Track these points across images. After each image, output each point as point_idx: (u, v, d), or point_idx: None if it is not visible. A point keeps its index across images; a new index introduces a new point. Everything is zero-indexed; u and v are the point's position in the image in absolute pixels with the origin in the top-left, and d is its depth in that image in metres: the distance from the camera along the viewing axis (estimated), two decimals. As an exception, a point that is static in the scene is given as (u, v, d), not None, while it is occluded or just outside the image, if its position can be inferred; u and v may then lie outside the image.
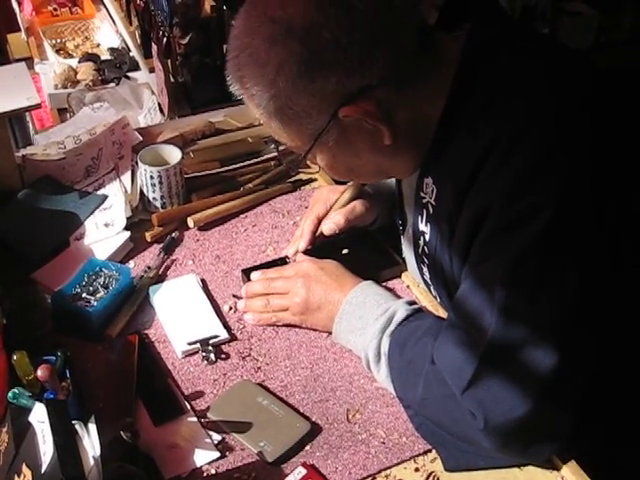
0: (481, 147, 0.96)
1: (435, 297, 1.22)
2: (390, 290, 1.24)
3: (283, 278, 1.25)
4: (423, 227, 1.13)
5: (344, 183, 1.38)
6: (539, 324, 0.92)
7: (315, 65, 0.96)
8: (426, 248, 1.14)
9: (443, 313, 1.23)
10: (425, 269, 1.18)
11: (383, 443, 1.05)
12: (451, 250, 1.06)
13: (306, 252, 1.33)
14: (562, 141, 0.94)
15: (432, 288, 1.21)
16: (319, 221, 1.33)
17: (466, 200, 0.99)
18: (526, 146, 0.94)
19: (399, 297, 1.20)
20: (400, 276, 1.32)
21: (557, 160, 0.93)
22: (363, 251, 1.34)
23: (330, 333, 1.19)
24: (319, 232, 1.33)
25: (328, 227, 1.31)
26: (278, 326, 1.23)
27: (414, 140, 1.05)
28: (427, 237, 1.13)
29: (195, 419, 1.07)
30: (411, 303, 1.15)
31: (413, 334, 1.08)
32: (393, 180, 1.35)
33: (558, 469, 1.01)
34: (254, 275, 1.29)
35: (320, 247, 1.37)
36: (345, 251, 1.34)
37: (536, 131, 0.94)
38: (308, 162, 1.14)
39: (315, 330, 1.21)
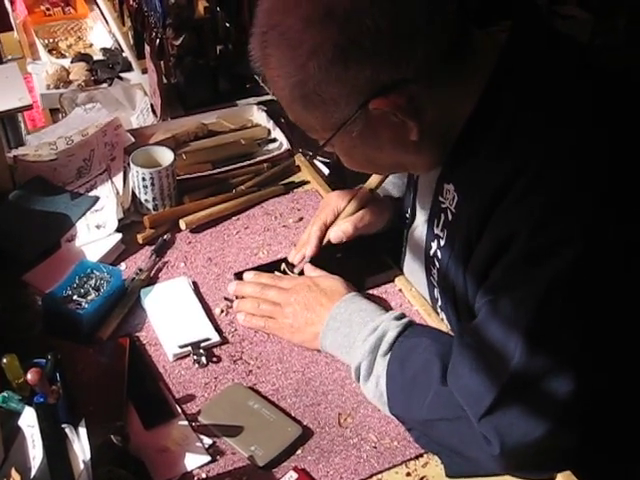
0: (509, 167, 0.94)
1: (437, 299, 1.20)
2: (374, 300, 1.22)
3: (277, 289, 1.23)
4: (438, 231, 1.12)
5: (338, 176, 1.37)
6: (563, 356, 0.91)
7: (351, 53, 0.91)
8: (438, 252, 1.13)
9: (435, 317, 1.22)
10: (434, 271, 1.17)
11: (375, 447, 1.05)
12: (466, 265, 1.04)
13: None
14: (594, 174, 0.91)
15: (436, 291, 1.19)
16: (326, 228, 1.31)
17: (490, 221, 0.97)
18: (557, 174, 0.91)
19: (383, 309, 1.18)
20: (393, 280, 1.32)
21: (588, 192, 0.90)
22: (357, 255, 1.34)
23: (318, 350, 1.19)
24: (326, 240, 1.30)
25: (336, 235, 1.29)
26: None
27: (439, 139, 1.02)
28: (442, 242, 1.11)
29: (186, 423, 1.07)
30: (399, 317, 1.13)
31: (412, 352, 1.06)
32: (402, 180, 1.35)
33: (553, 478, 1.01)
34: (247, 275, 1.29)
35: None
36: (339, 255, 1.34)
37: (568, 160, 0.91)
38: (326, 148, 1.08)
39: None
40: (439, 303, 1.21)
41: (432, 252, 1.15)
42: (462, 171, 1.03)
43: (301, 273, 1.29)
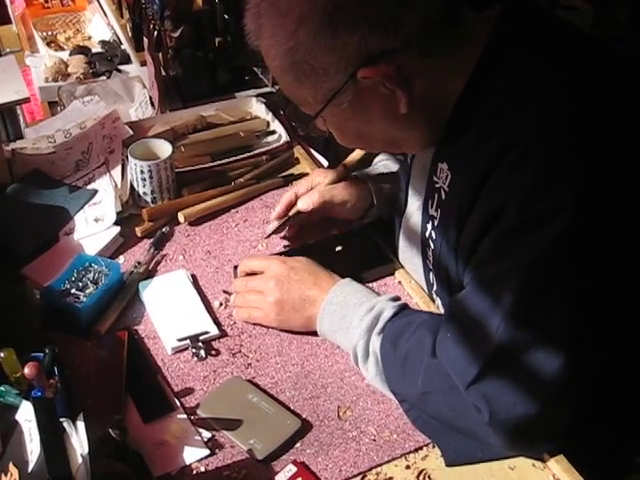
0: (501, 142, 0.94)
1: (432, 284, 1.21)
2: (368, 287, 1.22)
3: (258, 277, 1.23)
4: (433, 212, 1.12)
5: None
6: (548, 329, 0.92)
7: (340, 20, 0.92)
8: (433, 233, 1.13)
9: (434, 309, 1.22)
10: (429, 253, 1.17)
11: (374, 440, 1.05)
12: (458, 242, 1.05)
13: (299, 250, 1.32)
14: (582, 144, 0.92)
15: (431, 274, 1.20)
16: (297, 197, 1.35)
17: (481, 194, 0.98)
18: (546, 146, 0.92)
19: (378, 293, 1.19)
20: (393, 273, 1.31)
21: (577, 162, 0.91)
22: (356, 249, 1.34)
23: (310, 333, 1.18)
24: (295, 209, 1.34)
25: (303, 202, 1.34)
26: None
27: (430, 115, 1.03)
28: (436, 222, 1.12)
29: (185, 416, 1.07)
30: (394, 299, 1.14)
31: (406, 329, 1.07)
32: (398, 170, 1.35)
33: (544, 461, 1.02)
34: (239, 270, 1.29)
35: (313, 245, 1.37)
36: (338, 248, 1.33)
37: (557, 132, 0.92)
38: (318, 125, 1.09)
39: (292, 332, 1.20)
40: (434, 288, 1.21)
41: (427, 234, 1.16)
42: (455, 149, 1.04)
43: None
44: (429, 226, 1.14)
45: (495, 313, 0.93)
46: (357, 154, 1.38)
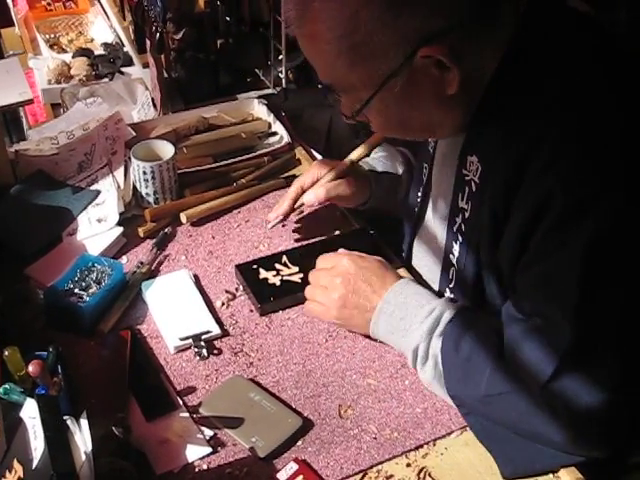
0: (533, 133, 0.94)
1: (451, 280, 1.19)
2: (428, 287, 1.22)
3: (327, 272, 1.21)
4: (463, 204, 1.11)
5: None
6: (616, 317, 0.93)
7: (403, 0, 0.91)
8: (463, 225, 1.13)
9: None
10: (456, 247, 1.16)
11: (375, 438, 1.06)
12: (493, 235, 1.04)
13: (300, 250, 1.33)
14: (621, 133, 0.92)
15: (452, 271, 1.18)
16: (302, 191, 1.36)
17: (520, 189, 0.97)
18: (581, 134, 0.92)
19: (438, 294, 1.18)
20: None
21: (614, 145, 0.91)
22: (357, 249, 1.33)
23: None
24: (300, 202, 1.36)
25: (308, 198, 1.34)
26: (271, 321, 1.23)
27: (468, 97, 1.02)
28: (467, 214, 1.11)
29: (187, 414, 1.07)
30: (453, 301, 1.13)
31: (467, 330, 1.05)
32: (397, 164, 1.38)
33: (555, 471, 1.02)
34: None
35: (314, 245, 1.37)
36: (340, 250, 1.33)
37: (590, 119, 0.92)
38: (358, 117, 1.07)
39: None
40: (451, 284, 1.20)
41: (455, 227, 1.15)
42: (485, 141, 1.04)
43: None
44: (458, 219, 1.14)
45: (560, 311, 0.93)
46: (363, 150, 1.39)
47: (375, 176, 1.40)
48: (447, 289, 1.21)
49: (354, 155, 1.39)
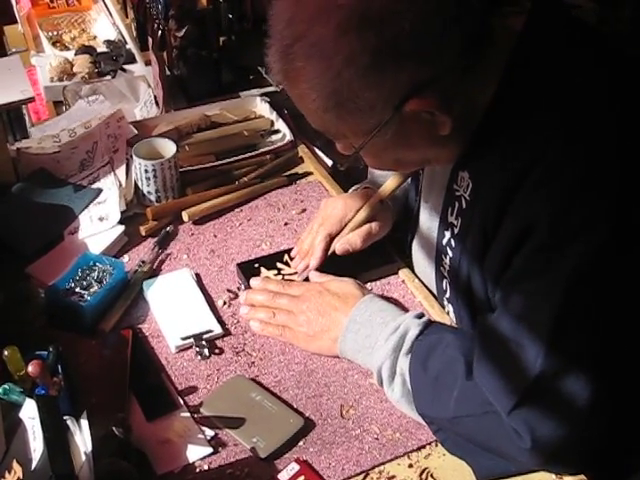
0: (527, 156, 0.93)
1: (445, 291, 1.19)
2: (392, 301, 1.21)
3: (288, 297, 1.21)
4: (452, 219, 1.11)
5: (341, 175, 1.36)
6: (588, 350, 0.91)
7: (388, 57, 0.88)
8: (452, 241, 1.12)
9: (438, 309, 1.22)
10: (446, 260, 1.15)
11: (377, 439, 1.05)
12: (481, 253, 1.03)
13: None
14: (612, 158, 0.90)
15: (445, 281, 1.18)
16: (332, 239, 1.29)
17: (509, 208, 0.96)
18: (577, 160, 0.90)
19: (403, 309, 1.17)
20: (397, 272, 1.31)
21: (610, 176, 0.89)
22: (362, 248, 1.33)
23: (337, 357, 1.16)
24: (331, 251, 1.28)
25: (342, 247, 1.27)
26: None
27: (464, 129, 1.00)
28: (456, 230, 1.10)
29: (188, 414, 1.07)
30: (419, 316, 1.11)
31: (434, 348, 1.04)
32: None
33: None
34: (254, 282, 1.26)
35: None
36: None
37: (587, 146, 0.90)
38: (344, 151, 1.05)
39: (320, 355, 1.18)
40: (447, 295, 1.19)
41: (445, 241, 1.14)
42: (478, 159, 1.02)
43: (306, 280, 1.27)
44: (447, 233, 1.13)
45: (535, 334, 0.91)
46: (393, 183, 1.29)
47: (395, 202, 1.36)
48: (444, 299, 1.21)
49: (386, 191, 1.30)
